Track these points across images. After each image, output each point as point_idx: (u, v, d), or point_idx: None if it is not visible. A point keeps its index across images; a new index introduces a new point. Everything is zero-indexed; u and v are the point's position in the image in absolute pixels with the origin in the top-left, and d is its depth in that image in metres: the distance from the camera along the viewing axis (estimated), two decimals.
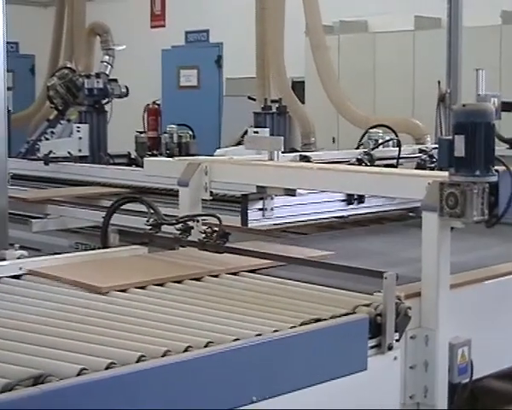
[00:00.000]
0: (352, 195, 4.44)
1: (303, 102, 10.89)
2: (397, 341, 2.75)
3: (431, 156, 5.43)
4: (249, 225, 4.05)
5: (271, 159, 4.05)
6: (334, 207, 4.48)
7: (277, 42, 9.67)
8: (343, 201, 4.47)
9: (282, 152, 4.20)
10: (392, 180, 3.35)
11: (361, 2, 12.32)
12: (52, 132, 9.68)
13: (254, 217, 4.07)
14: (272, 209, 4.14)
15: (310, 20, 9.50)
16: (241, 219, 3.99)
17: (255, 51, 10.02)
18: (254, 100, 10.05)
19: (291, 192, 3.95)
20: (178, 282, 3.13)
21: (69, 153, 8.57)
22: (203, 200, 3.85)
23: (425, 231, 2.97)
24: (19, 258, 3.37)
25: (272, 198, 4.11)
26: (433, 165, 5.27)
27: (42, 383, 2.01)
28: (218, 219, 3.47)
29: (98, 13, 12.72)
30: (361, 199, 4.50)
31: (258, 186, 3.90)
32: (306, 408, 2.47)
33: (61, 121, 9.89)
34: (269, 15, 9.75)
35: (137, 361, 2.18)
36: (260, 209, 4.10)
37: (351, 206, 4.52)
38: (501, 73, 10.54)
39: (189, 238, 3.57)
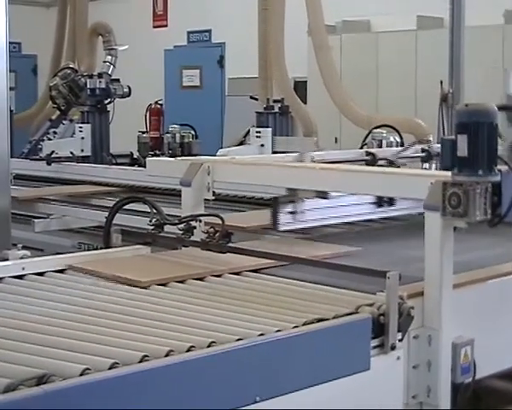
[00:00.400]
0: (382, 197, 4.30)
1: (305, 103, 10.90)
2: (400, 341, 2.74)
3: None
4: (280, 229, 3.95)
5: (301, 160, 4.00)
6: (363, 209, 4.33)
7: (279, 42, 9.68)
8: (373, 203, 4.34)
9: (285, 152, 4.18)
10: (394, 180, 3.35)
11: (363, 1, 12.33)
12: (54, 132, 9.69)
13: (285, 220, 3.96)
14: (303, 212, 4.01)
15: (312, 20, 9.51)
16: (272, 222, 3.90)
17: (258, 51, 10.03)
18: (257, 100, 10.06)
19: (323, 195, 3.86)
20: (181, 282, 3.13)
21: (71, 153, 8.59)
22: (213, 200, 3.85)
23: (428, 230, 2.97)
24: (22, 258, 3.37)
25: (303, 201, 3.98)
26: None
27: (45, 383, 2.01)
28: (221, 218, 3.47)
29: (100, 13, 12.73)
30: (391, 202, 4.36)
31: (288, 189, 3.83)
32: (309, 408, 2.47)
33: (64, 121, 9.90)
34: (270, 16, 9.75)
35: (140, 361, 2.18)
36: (291, 212, 3.97)
37: (380, 209, 4.37)
38: (503, 73, 10.53)
39: (192, 238, 3.57)
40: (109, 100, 9.67)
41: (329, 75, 9.40)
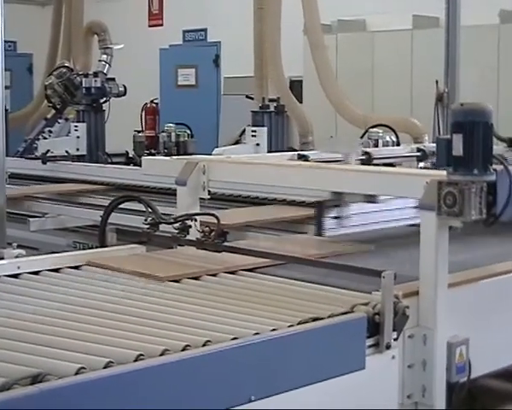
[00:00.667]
0: None
1: (301, 102, 10.90)
2: (395, 340, 2.74)
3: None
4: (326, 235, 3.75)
5: (347, 162, 3.88)
6: (408, 214, 4.18)
7: (275, 41, 9.68)
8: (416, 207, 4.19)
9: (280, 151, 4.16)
10: (390, 179, 3.35)
11: (359, 1, 12.33)
12: (50, 131, 9.68)
13: (330, 225, 3.78)
14: (348, 217, 3.85)
15: (308, 20, 9.51)
16: (317, 227, 3.66)
17: (253, 51, 10.02)
18: (252, 99, 10.06)
19: (371, 199, 3.69)
20: (176, 281, 3.13)
21: (67, 152, 8.57)
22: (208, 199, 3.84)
23: (423, 230, 2.98)
24: (17, 257, 3.37)
25: (348, 205, 3.84)
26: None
27: (40, 382, 2.01)
28: (217, 218, 3.47)
29: (96, 12, 12.71)
30: None
31: (333, 192, 3.64)
32: (304, 407, 2.47)
33: (59, 120, 9.89)
34: (266, 15, 9.75)
35: (136, 360, 2.18)
36: (336, 217, 3.80)
37: None
38: (499, 73, 10.55)
39: (188, 237, 3.57)
40: (105, 99, 9.66)
41: (325, 74, 9.40)
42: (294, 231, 4.72)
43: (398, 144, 7.10)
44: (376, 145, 6.83)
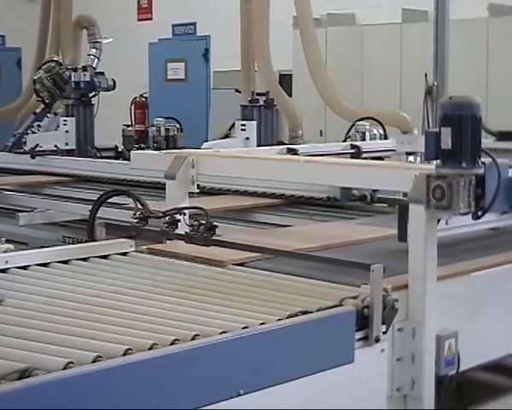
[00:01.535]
0: None
1: (290, 96, 10.90)
2: (384, 333, 2.75)
3: None
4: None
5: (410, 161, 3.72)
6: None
7: (263, 34, 9.67)
8: None
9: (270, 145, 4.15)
10: (378, 173, 3.35)
11: None
12: (39, 126, 9.67)
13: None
14: None
15: (300, 13, 9.50)
16: (399, 232, 3.34)
17: (240, 43, 10.01)
18: (240, 92, 10.05)
19: None
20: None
21: (56, 146, 8.55)
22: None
23: (412, 223, 2.98)
24: (5, 252, 3.35)
25: None
26: None
27: (28, 376, 2.00)
28: (205, 211, 3.46)
29: (85, 6, 12.68)
30: None
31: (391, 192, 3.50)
32: (293, 401, 2.47)
33: (48, 115, 9.88)
34: (253, 8, 9.73)
35: (124, 354, 2.18)
36: None
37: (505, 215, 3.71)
38: (488, 66, 10.57)
39: (176, 231, 3.56)
40: (94, 93, 9.65)
41: (316, 68, 9.40)
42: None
43: (385, 137, 7.11)
44: (364, 138, 6.85)
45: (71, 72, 9.60)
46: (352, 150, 5.97)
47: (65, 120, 9.06)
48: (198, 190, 3.85)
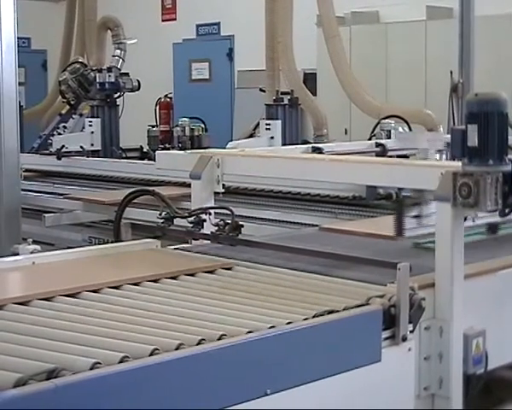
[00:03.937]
0: None
1: (315, 94, 10.88)
2: (411, 332, 2.73)
3: None
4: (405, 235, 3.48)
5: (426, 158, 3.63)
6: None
7: (286, 34, 9.65)
8: None
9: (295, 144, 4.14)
10: (404, 171, 3.33)
11: None
12: (64, 127, 9.72)
13: (409, 225, 3.48)
14: (428, 216, 3.48)
15: (323, 11, 9.48)
16: (396, 227, 3.38)
17: (265, 43, 10.00)
18: (265, 91, 10.05)
19: None
20: (191, 275, 3.13)
21: (81, 147, 8.60)
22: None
23: (438, 221, 2.96)
24: (32, 253, 3.37)
25: (428, 203, 3.48)
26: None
27: (55, 377, 2.01)
28: (231, 211, 3.46)
29: (109, 7, 12.73)
30: None
31: (414, 190, 3.41)
32: (320, 400, 2.46)
33: (73, 116, 9.93)
34: (278, 7, 9.73)
35: (151, 354, 2.18)
36: (416, 216, 3.50)
37: None
38: None
39: (202, 231, 3.57)
40: (119, 94, 9.68)
41: (340, 65, 9.37)
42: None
43: None
44: (389, 137, 6.83)
45: (96, 73, 9.64)
46: (378, 148, 5.95)
47: (90, 121, 9.11)
48: (223, 190, 3.84)
